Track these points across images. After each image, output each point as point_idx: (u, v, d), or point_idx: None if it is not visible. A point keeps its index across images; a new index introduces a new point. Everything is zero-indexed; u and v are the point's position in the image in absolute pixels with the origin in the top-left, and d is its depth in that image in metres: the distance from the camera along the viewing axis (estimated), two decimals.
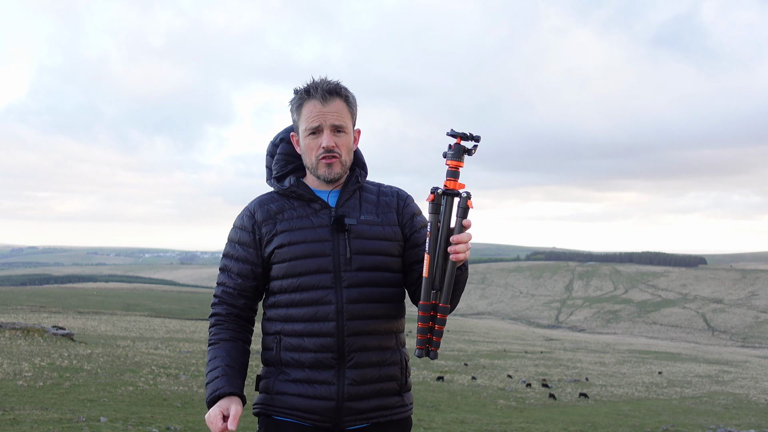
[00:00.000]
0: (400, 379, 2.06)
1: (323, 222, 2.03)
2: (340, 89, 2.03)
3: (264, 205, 2.09)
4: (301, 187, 2.08)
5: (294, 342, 2.00)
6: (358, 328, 1.98)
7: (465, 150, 1.88)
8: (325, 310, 1.97)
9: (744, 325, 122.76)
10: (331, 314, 1.97)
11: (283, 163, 2.14)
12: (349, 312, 1.97)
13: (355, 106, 2.08)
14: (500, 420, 11.09)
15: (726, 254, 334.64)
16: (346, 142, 2.05)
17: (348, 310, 1.97)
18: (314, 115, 2.00)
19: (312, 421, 1.97)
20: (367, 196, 2.12)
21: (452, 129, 1.88)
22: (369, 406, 1.99)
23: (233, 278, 2.08)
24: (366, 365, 1.99)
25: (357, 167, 2.16)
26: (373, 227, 2.05)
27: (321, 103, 2.00)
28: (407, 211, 2.13)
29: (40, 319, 36.53)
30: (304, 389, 1.97)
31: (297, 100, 2.04)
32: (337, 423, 1.97)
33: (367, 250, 2.02)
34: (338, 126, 2.02)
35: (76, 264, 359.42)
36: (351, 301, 1.98)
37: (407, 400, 2.10)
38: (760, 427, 13.63)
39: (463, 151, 1.88)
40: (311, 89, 2.01)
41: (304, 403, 1.97)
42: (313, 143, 2.02)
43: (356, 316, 1.98)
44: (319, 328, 1.97)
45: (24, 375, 10.60)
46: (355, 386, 1.97)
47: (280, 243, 2.02)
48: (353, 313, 1.98)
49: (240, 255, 2.07)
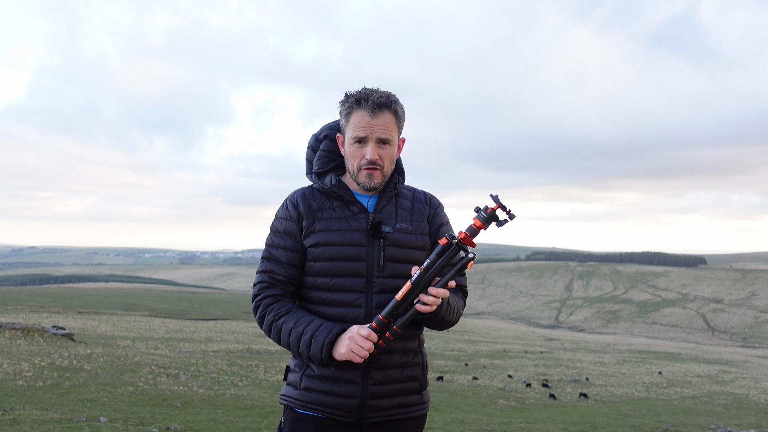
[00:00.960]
0: (420, 379, 2.17)
1: (360, 226, 2.09)
2: (390, 103, 2.07)
3: (306, 199, 2.15)
4: (342, 188, 2.13)
5: None
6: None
7: (496, 219, 1.91)
8: (354, 313, 2.05)
9: (744, 325, 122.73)
10: (360, 318, 2.04)
11: (325, 160, 2.20)
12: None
13: (403, 118, 2.13)
14: (500, 420, 11.08)
15: (726, 254, 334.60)
16: (389, 154, 2.10)
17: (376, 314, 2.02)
18: (362, 126, 2.05)
19: (336, 416, 2.06)
20: (402, 203, 2.18)
21: (497, 196, 1.91)
22: (391, 404, 2.09)
23: (282, 267, 2.12)
24: (390, 366, 2.08)
25: (396, 173, 2.21)
26: (407, 236, 2.12)
27: (370, 115, 2.05)
28: (436, 220, 2.21)
29: (40, 319, 36.51)
30: (330, 386, 2.05)
31: (347, 107, 2.09)
32: (359, 419, 2.06)
33: (400, 258, 2.09)
34: (384, 139, 2.07)
35: (76, 264, 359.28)
36: (380, 306, 2.05)
37: (425, 398, 2.20)
38: (760, 427, 13.63)
39: (494, 219, 1.91)
40: (362, 99, 2.06)
41: (330, 400, 2.05)
42: (357, 152, 2.08)
43: None
44: None
45: (24, 375, 10.60)
46: (379, 386, 2.06)
47: (317, 241, 2.08)
48: None
49: (288, 244, 2.12)
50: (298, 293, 2.17)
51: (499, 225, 1.92)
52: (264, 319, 2.10)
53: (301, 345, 2.00)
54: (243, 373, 15.46)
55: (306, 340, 1.99)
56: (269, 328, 2.09)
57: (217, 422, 7.79)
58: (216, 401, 10.03)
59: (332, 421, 2.07)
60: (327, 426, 2.07)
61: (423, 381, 2.18)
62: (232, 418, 8.23)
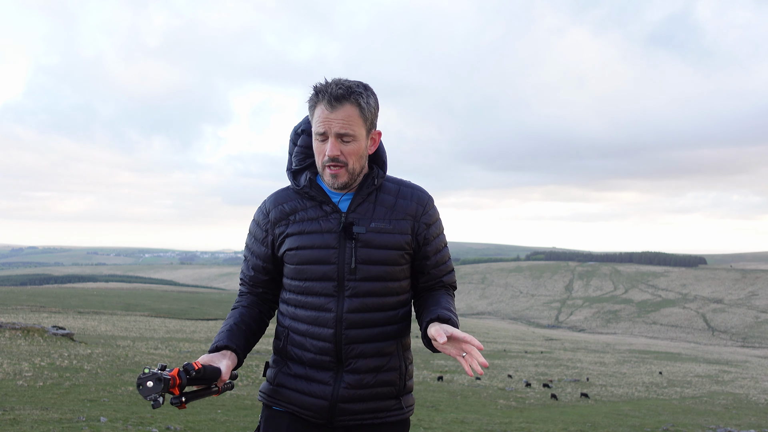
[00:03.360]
0: (398, 384, 2.04)
1: (332, 227, 1.98)
2: (350, 94, 1.90)
3: (279, 204, 2.06)
4: (314, 188, 2.02)
5: (298, 339, 2.02)
6: (357, 337, 1.96)
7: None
8: (324, 317, 1.97)
9: (744, 325, 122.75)
10: (330, 322, 1.96)
11: (302, 157, 2.08)
12: (348, 321, 1.96)
13: (369, 110, 1.95)
14: (500, 420, 11.08)
15: (726, 254, 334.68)
16: (354, 149, 1.94)
17: (347, 319, 1.96)
18: (320, 121, 1.92)
19: (306, 416, 2.00)
20: (383, 199, 2.03)
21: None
22: (363, 408, 1.99)
23: (249, 269, 2.14)
24: (364, 371, 1.97)
25: (376, 165, 2.07)
26: (382, 235, 1.98)
27: (328, 109, 1.90)
28: (424, 219, 2.05)
29: (40, 319, 36.52)
30: (302, 385, 2.00)
31: (311, 100, 1.96)
32: (330, 420, 1.99)
33: (374, 259, 1.96)
34: (343, 134, 1.91)
35: (76, 264, 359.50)
36: (351, 310, 1.96)
37: (405, 403, 2.06)
38: (760, 427, 13.63)
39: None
40: (320, 92, 1.91)
41: (300, 399, 2.00)
42: (320, 148, 1.96)
43: (355, 324, 1.96)
44: (319, 333, 1.98)
45: (24, 375, 10.60)
46: (350, 390, 1.97)
47: (289, 246, 2.01)
48: (352, 322, 1.96)
49: (254, 249, 2.11)
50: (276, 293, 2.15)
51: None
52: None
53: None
54: (243, 373, 15.46)
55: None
56: None
57: (217, 422, 7.79)
58: (216, 401, 10.02)
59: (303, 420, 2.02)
60: (299, 424, 2.02)
61: (402, 386, 2.04)
62: (232, 418, 8.23)
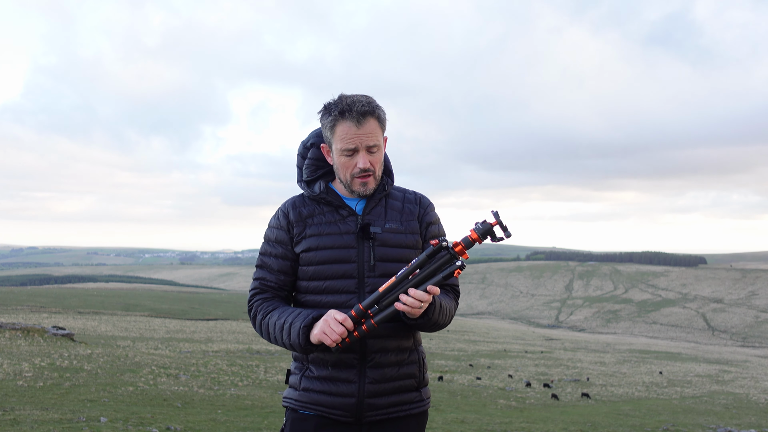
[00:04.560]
0: (417, 376, 2.19)
1: (350, 229, 2.14)
2: (373, 110, 2.09)
3: (296, 207, 2.21)
4: (330, 194, 2.19)
5: None
6: (379, 331, 2.08)
7: (492, 234, 1.93)
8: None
9: (744, 324, 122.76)
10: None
11: (313, 168, 2.25)
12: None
13: (385, 120, 2.16)
14: (500, 420, 11.08)
15: (726, 254, 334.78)
16: (378, 158, 2.15)
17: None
18: (350, 137, 2.08)
19: (335, 416, 2.10)
20: (392, 203, 2.22)
21: (497, 212, 1.92)
22: (388, 402, 2.11)
23: (274, 274, 2.19)
24: (386, 365, 2.11)
25: (384, 174, 2.25)
26: (397, 235, 2.16)
27: (356, 125, 2.07)
28: (425, 219, 2.24)
29: (40, 319, 36.53)
30: (328, 386, 2.11)
31: (331, 120, 2.09)
32: (358, 418, 2.10)
33: (391, 257, 2.13)
34: (371, 146, 2.10)
35: (76, 264, 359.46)
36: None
37: (425, 395, 2.22)
38: (761, 426, 13.63)
39: (490, 234, 1.93)
40: (346, 111, 2.06)
41: (328, 400, 2.10)
42: (348, 162, 2.12)
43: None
44: None
45: (24, 375, 10.60)
46: (375, 384, 2.09)
47: (308, 246, 2.14)
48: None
49: (279, 252, 2.19)
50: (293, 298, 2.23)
51: (494, 240, 1.94)
52: (255, 319, 2.17)
53: (283, 334, 2.05)
54: (243, 373, 15.46)
55: (287, 329, 2.04)
56: (260, 328, 2.15)
57: (218, 422, 7.79)
58: (216, 401, 10.03)
59: (332, 420, 2.10)
60: (327, 426, 2.11)
61: (421, 379, 2.21)
62: (233, 418, 8.23)
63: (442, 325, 2.13)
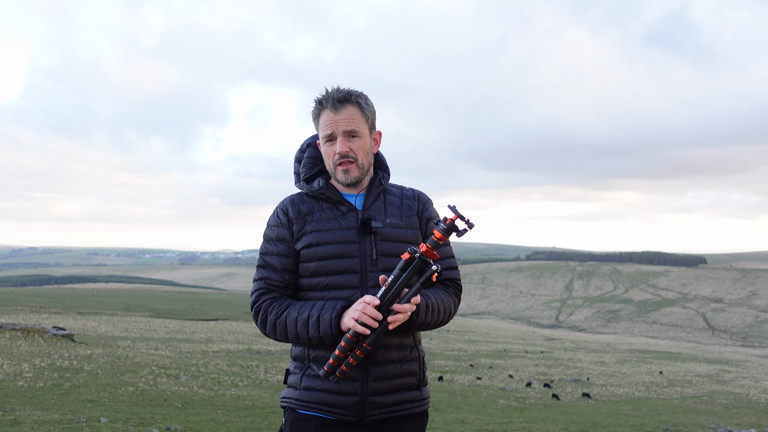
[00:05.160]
0: (418, 374, 2.19)
1: (350, 224, 2.15)
2: (350, 96, 2.13)
3: (295, 204, 2.21)
4: (330, 190, 2.19)
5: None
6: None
7: (455, 229, 1.95)
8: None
9: (744, 324, 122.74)
10: None
11: (310, 166, 2.28)
12: None
13: (369, 110, 2.18)
14: (501, 420, 11.08)
15: (726, 254, 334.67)
16: (361, 145, 2.15)
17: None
18: (327, 124, 2.13)
19: (337, 414, 2.07)
20: (391, 199, 2.24)
21: (454, 206, 1.94)
22: (391, 401, 2.10)
23: (278, 273, 2.17)
24: (388, 362, 2.10)
25: (380, 170, 2.29)
26: (397, 230, 2.16)
27: (333, 111, 2.12)
28: (425, 215, 2.25)
29: (40, 319, 36.53)
30: (330, 385, 2.08)
31: (314, 111, 2.18)
32: (360, 417, 2.08)
33: (392, 251, 2.13)
34: (350, 131, 2.13)
35: (76, 264, 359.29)
36: None
37: (425, 394, 2.22)
38: (761, 426, 13.63)
39: (454, 229, 1.96)
40: (323, 100, 2.14)
41: (330, 398, 2.08)
42: (329, 150, 2.16)
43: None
44: None
45: (24, 376, 10.60)
46: (378, 382, 2.08)
47: (308, 242, 2.13)
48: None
49: (282, 250, 2.17)
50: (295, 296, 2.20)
51: (459, 235, 1.96)
52: (266, 320, 2.12)
53: (309, 329, 2.02)
54: (243, 373, 15.46)
55: (313, 322, 2.02)
56: (274, 327, 2.10)
57: (218, 422, 7.79)
58: (216, 401, 10.03)
59: (333, 421, 2.08)
60: (328, 426, 2.09)
61: (422, 377, 2.20)
62: (233, 419, 8.23)
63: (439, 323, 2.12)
